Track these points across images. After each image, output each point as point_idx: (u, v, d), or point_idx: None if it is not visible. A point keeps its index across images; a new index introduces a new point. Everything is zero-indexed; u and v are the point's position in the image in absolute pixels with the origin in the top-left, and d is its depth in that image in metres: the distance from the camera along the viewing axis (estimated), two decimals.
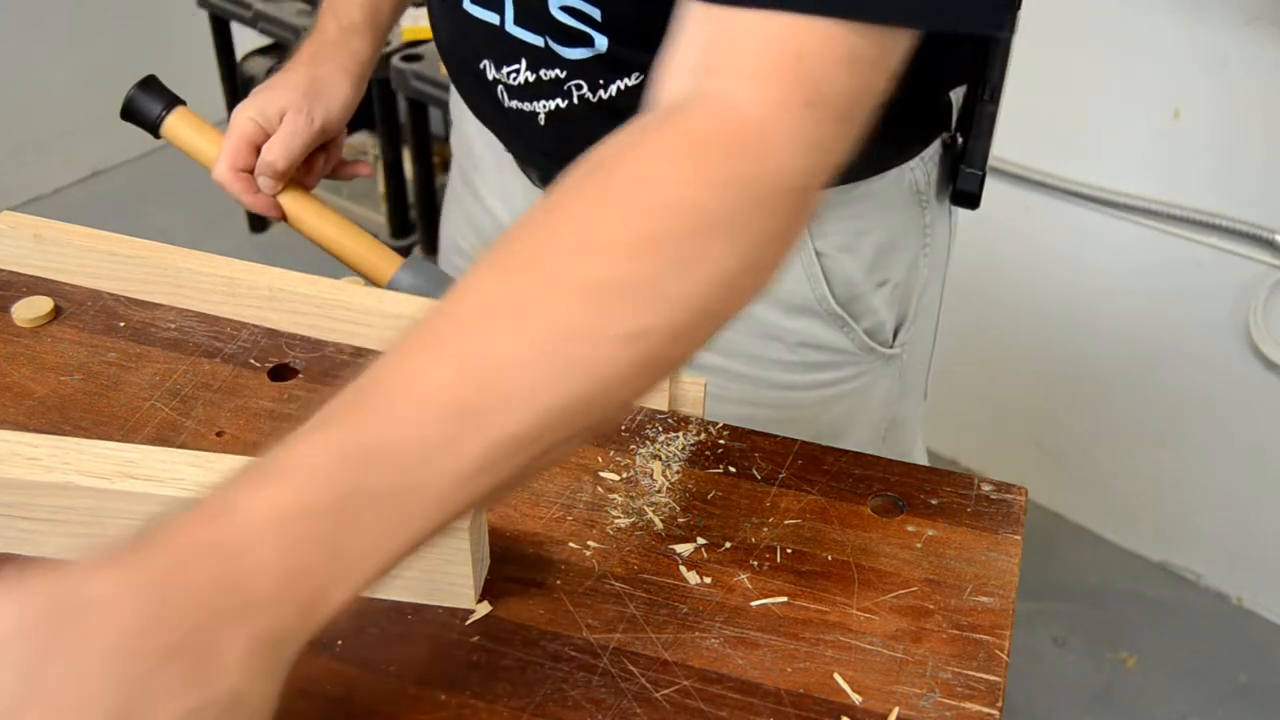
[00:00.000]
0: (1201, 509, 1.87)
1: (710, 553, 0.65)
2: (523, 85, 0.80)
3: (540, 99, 0.80)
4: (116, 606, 0.41)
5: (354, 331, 0.78)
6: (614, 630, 0.60)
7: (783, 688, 0.58)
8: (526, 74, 0.80)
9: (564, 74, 0.78)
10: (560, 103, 0.80)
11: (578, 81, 0.78)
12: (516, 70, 0.80)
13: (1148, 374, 1.83)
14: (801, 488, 0.69)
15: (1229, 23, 1.52)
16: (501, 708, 0.56)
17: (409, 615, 0.61)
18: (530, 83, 0.80)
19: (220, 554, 0.43)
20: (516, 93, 0.81)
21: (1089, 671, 1.80)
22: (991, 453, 2.07)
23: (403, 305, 0.77)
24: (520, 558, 0.64)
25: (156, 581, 0.42)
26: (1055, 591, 1.91)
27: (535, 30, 0.77)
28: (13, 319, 0.79)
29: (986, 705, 0.57)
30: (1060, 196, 1.77)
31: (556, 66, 0.78)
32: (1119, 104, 1.66)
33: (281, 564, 0.43)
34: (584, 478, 0.69)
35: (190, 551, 0.43)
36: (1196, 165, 1.63)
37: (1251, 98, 1.55)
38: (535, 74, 0.79)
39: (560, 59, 0.77)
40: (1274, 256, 1.61)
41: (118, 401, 0.73)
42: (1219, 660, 1.81)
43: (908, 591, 0.63)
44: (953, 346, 2.02)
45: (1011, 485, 0.70)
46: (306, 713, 0.55)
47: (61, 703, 0.39)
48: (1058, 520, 2.02)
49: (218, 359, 0.77)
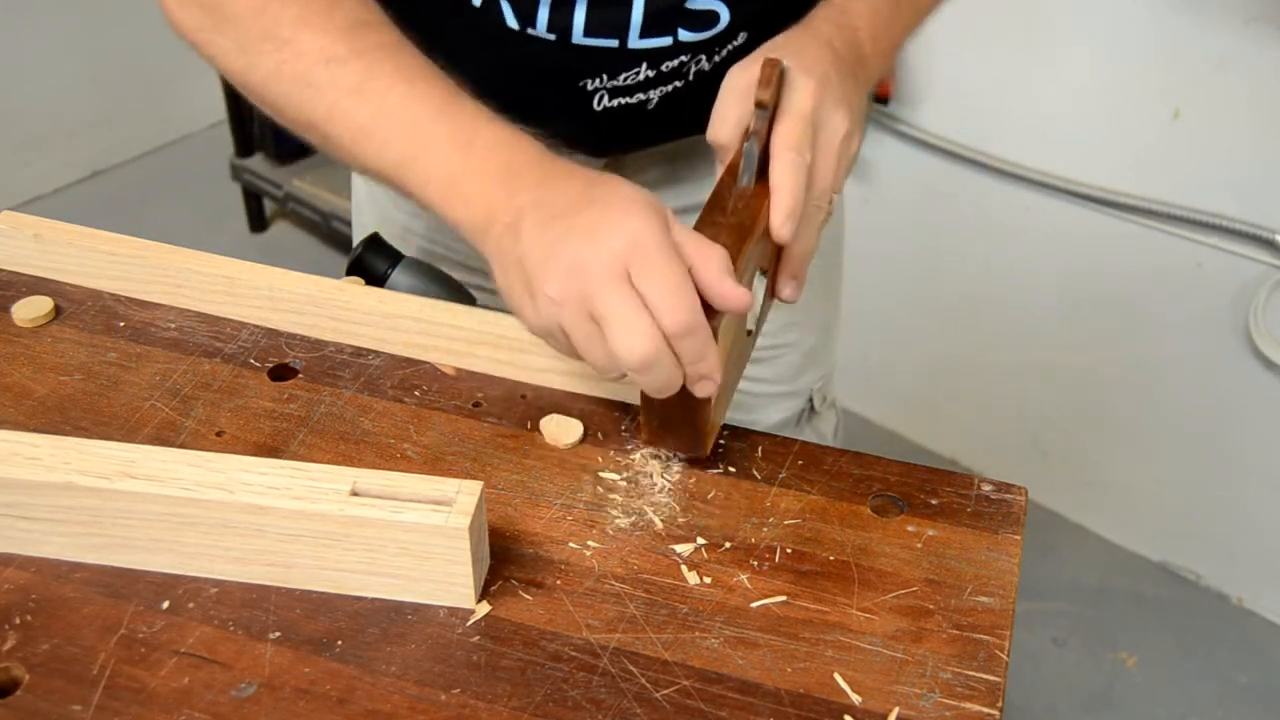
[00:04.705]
0: (1201, 509, 1.87)
1: (710, 553, 0.65)
2: (639, 83, 0.82)
3: (656, 88, 0.82)
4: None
5: (354, 331, 0.78)
6: (614, 630, 0.60)
7: (783, 688, 0.58)
8: (647, 72, 0.81)
9: (687, 57, 0.81)
10: (677, 84, 0.82)
11: (698, 58, 0.81)
12: (635, 73, 0.81)
13: (1148, 374, 1.83)
14: (801, 488, 0.69)
15: (1229, 23, 1.52)
16: (501, 708, 0.56)
17: (409, 615, 0.61)
18: (650, 78, 0.81)
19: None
20: (624, 91, 0.82)
21: (1089, 671, 1.80)
22: (991, 453, 2.07)
23: (402, 305, 0.77)
24: (520, 558, 0.64)
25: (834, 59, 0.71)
26: (1055, 591, 1.91)
27: (663, 34, 0.79)
28: (13, 319, 0.79)
29: (986, 705, 0.57)
30: (1060, 196, 1.77)
31: (682, 54, 0.81)
32: (1119, 104, 1.66)
33: (869, 29, 0.76)
34: (584, 478, 0.69)
35: (835, 24, 0.74)
36: (1196, 165, 1.63)
37: (1251, 98, 1.55)
38: (656, 69, 0.81)
39: (686, 45, 0.80)
40: (1274, 256, 1.61)
41: (118, 401, 0.73)
42: (1219, 660, 1.81)
43: (908, 591, 0.63)
44: (953, 347, 2.03)
45: (1011, 485, 0.70)
46: (306, 713, 0.55)
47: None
48: (1058, 520, 2.02)
49: (218, 359, 0.77)
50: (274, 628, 0.60)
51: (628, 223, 0.59)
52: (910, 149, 1.89)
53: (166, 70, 2.78)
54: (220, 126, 2.74)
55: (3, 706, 0.55)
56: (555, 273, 0.59)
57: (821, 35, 0.73)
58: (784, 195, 0.66)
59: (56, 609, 0.60)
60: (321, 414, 0.73)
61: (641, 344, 0.58)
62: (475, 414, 0.74)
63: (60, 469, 0.59)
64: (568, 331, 0.60)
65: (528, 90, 0.84)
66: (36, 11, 2.61)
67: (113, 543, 0.61)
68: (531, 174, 0.64)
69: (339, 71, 0.67)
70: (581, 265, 0.58)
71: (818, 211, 0.70)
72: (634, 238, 0.58)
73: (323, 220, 2.48)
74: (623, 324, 0.57)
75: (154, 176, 2.86)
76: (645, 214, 0.59)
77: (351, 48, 0.68)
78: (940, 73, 1.81)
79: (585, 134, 0.87)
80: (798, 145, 0.67)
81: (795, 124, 0.67)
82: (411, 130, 0.66)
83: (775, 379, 1.06)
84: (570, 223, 0.60)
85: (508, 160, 0.65)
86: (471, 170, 0.65)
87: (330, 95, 0.68)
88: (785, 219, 0.67)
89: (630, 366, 0.59)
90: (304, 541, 0.60)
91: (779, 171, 0.67)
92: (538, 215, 0.61)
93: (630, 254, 0.58)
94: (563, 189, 0.62)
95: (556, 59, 0.81)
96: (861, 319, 1.74)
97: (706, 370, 0.61)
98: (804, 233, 0.69)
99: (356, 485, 0.59)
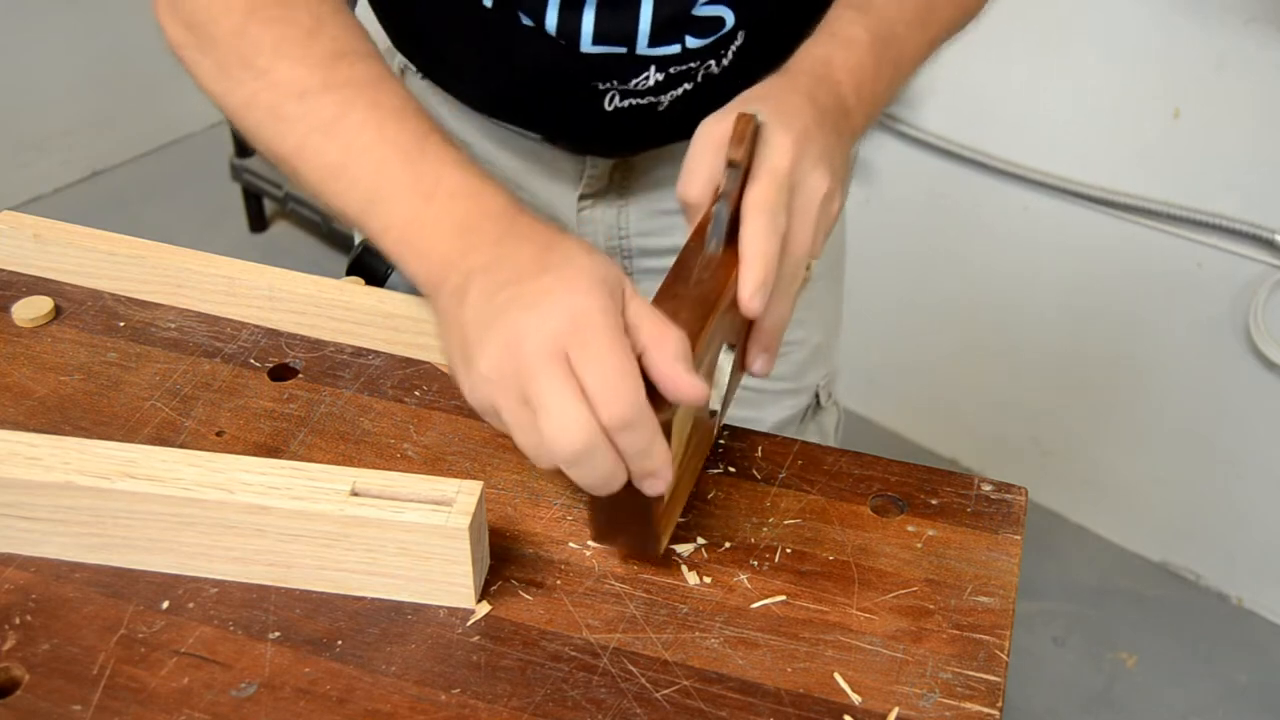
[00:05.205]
0: (1201, 509, 1.87)
1: (710, 553, 0.65)
2: (649, 88, 0.82)
3: (666, 91, 0.82)
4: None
5: (354, 331, 0.78)
6: (614, 630, 0.60)
7: (783, 688, 0.58)
8: (656, 76, 0.81)
9: (696, 63, 0.81)
10: (687, 86, 0.82)
11: (707, 62, 0.81)
12: (645, 78, 0.81)
13: (1148, 374, 1.83)
14: (801, 488, 0.69)
15: (1229, 23, 1.52)
16: (501, 708, 0.56)
17: (409, 615, 0.61)
18: (659, 82, 0.81)
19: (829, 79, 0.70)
20: (634, 94, 0.82)
21: (1089, 671, 1.80)
22: (991, 453, 2.07)
23: (402, 305, 0.77)
24: (520, 558, 0.64)
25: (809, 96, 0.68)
26: (1055, 591, 1.91)
27: (671, 40, 0.79)
28: (13, 319, 0.79)
29: (986, 705, 0.57)
30: (1060, 196, 1.77)
31: (690, 60, 0.80)
32: (1119, 104, 1.66)
33: (853, 81, 0.71)
34: None
35: (816, 76, 0.70)
36: (1196, 165, 1.63)
37: (1251, 98, 1.55)
38: (665, 73, 0.81)
39: (693, 51, 0.80)
40: (1274, 256, 1.61)
41: (118, 401, 0.73)
42: (1219, 660, 1.81)
43: (908, 591, 0.63)
44: (953, 347, 2.03)
45: (1011, 485, 0.70)
46: (306, 713, 0.56)
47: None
48: (1058, 520, 2.02)
49: (218, 359, 0.77)
50: (274, 628, 0.60)
51: (573, 298, 0.54)
52: (910, 149, 1.89)
53: (166, 70, 2.76)
54: (220, 126, 2.74)
55: (3, 706, 0.55)
56: (490, 347, 0.55)
57: (802, 87, 0.68)
58: (754, 264, 0.61)
59: (56, 609, 0.60)
60: (321, 414, 0.73)
61: (573, 434, 0.52)
62: (475, 414, 0.73)
63: (60, 469, 0.59)
64: (500, 412, 0.56)
65: (539, 93, 0.84)
66: (36, 11, 2.61)
67: (113, 543, 0.61)
68: (489, 231, 0.60)
69: (312, 106, 0.65)
70: (517, 341, 0.54)
71: (793, 280, 0.64)
72: (577, 315, 0.53)
73: (323, 220, 2.48)
74: (554, 412, 0.53)
75: (154, 176, 2.86)
76: (594, 289, 0.54)
77: (326, 81, 0.65)
78: (940, 73, 1.81)
79: (596, 135, 0.87)
80: (771, 208, 0.61)
81: (769, 184, 0.62)
82: (376, 173, 0.64)
83: (782, 376, 1.06)
84: (515, 292, 0.55)
85: (467, 214, 0.61)
86: (430, 221, 0.62)
87: (300, 130, 0.65)
88: (755, 291, 0.61)
89: (560, 459, 0.54)
90: (304, 541, 0.60)
91: (750, 237, 0.61)
92: (485, 281, 0.57)
93: (571, 334, 0.53)
94: (518, 251, 0.58)
95: (566, 63, 0.80)
96: (862, 319, 1.74)
97: (653, 467, 0.55)
98: (776, 304, 0.64)
99: (356, 485, 0.60)
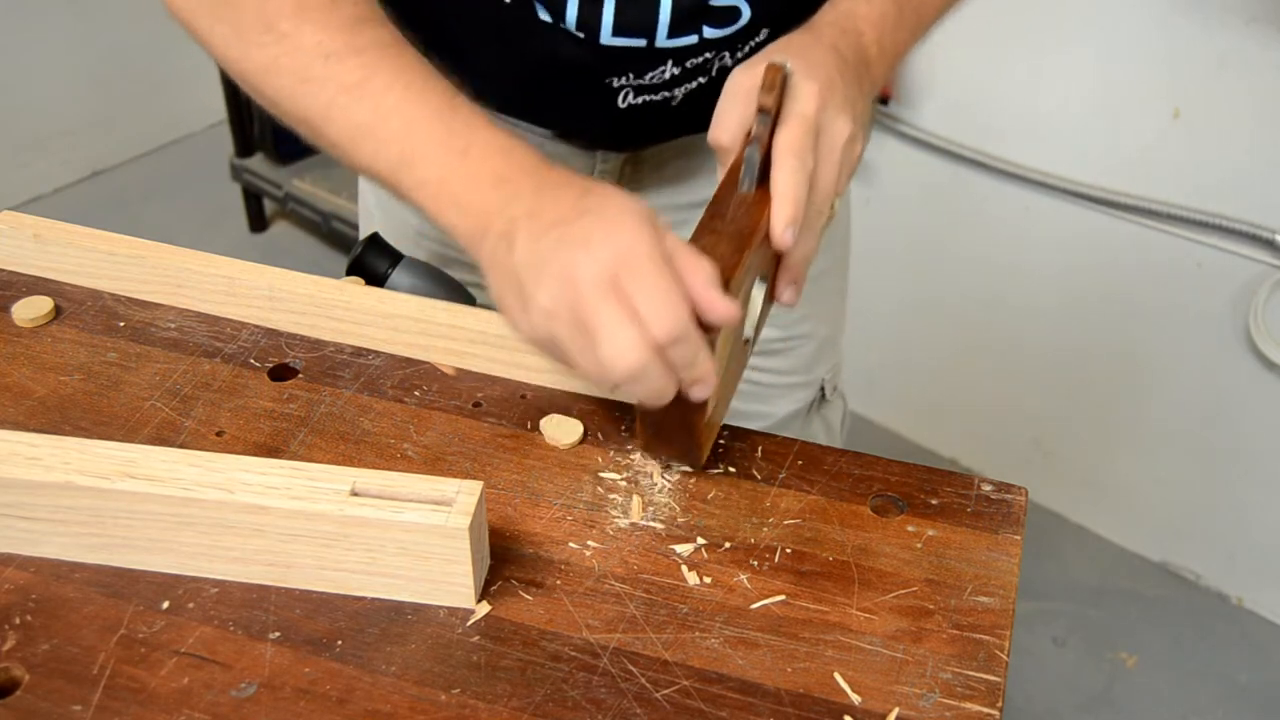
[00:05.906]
0: (1201, 509, 1.87)
1: (710, 553, 0.65)
2: (664, 82, 0.82)
3: (680, 85, 0.83)
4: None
5: (354, 331, 0.78)
6: (614, 630, 0.60)
7: (783, 688, 0.58)
8: (673, 70, 0.82)
9: (711, 54, 0.81)
10: (701, 80, 0.83)
11: (722, 54, 0.82)
12: (661, 71, 0.82)
13: (1148, 374, 1.83)
14: (801, 488, 0.69)
15: (1229, 23, 1.52)
16: (501, 708, 0.56)
17: (409, 615, 0.61)
18: (675, 76, 0.82)
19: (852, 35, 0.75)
20: (649, 89, 0.83)
21: (1089, 671, 1.80)
22: (991, 453, 2.07)
23: (402, 305, 0.77)
24: (520, 558, 0.64)
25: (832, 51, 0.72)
26: (1055, 591, 1.91)
27: (689, 32, 0.80)
28: (13, 319, 0.79)
29: (986, 705, 0.57)
30: (1060, 196, 1.77)
31: (706, 51, 0.81)
32: (1119, 104, 1.66)
33: (875, 33, 0.76)
34: (584, 478, 0.69)
35: (841, 28, 0.75)
36: (1196, 165, 1.63)
37: (1251, 98, 1.55)
38: (681, 67, 0.82)
39: (710, 43, 0.81)
40: (1274, 256, 1.61)
41: (118, 401, 0.73)
42: (1219, 660, 1.81)
43: (908, 591, 0.63)
44: (953, 347, 2.03)
45: (1011, 485, 0.70)
46: (306, 713, 0.56)
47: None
48: (1058, 520, 2.02)
49: (218, 359, 0.77)
50: (274, 628, 0.60)
51: (618, 233, 0.59)
52: (911, 149, 1.89)
53: (166, 70, 2.79)
54: (220, 126, 2.74)
55: (3, 706, 0.55)
56: (547, 283, 0.59)
57: (826, 39, 0.73)
58: (785, 202, 0.66)
59: (56, 609, 0.60)
60: (321, 414, 0.73)
61: (629, 354, 0.58)
62: (475, 414, 0.74)
63: (60, 469, 0.59)
64: (560, 342, 0.60)
65: (553, 89, 0.85)
66: (36, 11, 2.61)
67: (113, 543, 0.61)
68: (526, 182, 0.64)
69: (338, 68, 0.67)
70: (572, 275, 0.58)
71: (819, 217, 0.70)
72: (624, 248, 0.59)
73: (323, 220, 2.48)
74: (611, 334, 0.58)
75: (154, 176, 2.86)
76: (636, 224, 0.59)
77: (351, 44, 0.67)
78: (940, 73, 1.81)
79: (608, 131, 0.87)
80: (800, 151, 0.67)
81: (798, 129, 0.67)
82: (408, 131, 0.66)
83: (790, 370, 1.07)
84: (563, 233, 0.60)
85: (503, 167, 0.65)
86: (466, 176, 0.65)
87: (328, 91, 0.67)
88: (786, 226, 0.66)
89: (618, 377, 0.59)
90: (304, 541, 0.60)
91: (780, 178, 0.66)
92: (532, 226, 0.61)
93: (620, 264, 0.58)
94: (557, 198, 0.62)
95: (583, 57, 0.81)
96: (862, 319, 1.74)
97: (699, 375, 0.61)
98: (804, 238, 0.69)
99: (356, 485, 0.60)
